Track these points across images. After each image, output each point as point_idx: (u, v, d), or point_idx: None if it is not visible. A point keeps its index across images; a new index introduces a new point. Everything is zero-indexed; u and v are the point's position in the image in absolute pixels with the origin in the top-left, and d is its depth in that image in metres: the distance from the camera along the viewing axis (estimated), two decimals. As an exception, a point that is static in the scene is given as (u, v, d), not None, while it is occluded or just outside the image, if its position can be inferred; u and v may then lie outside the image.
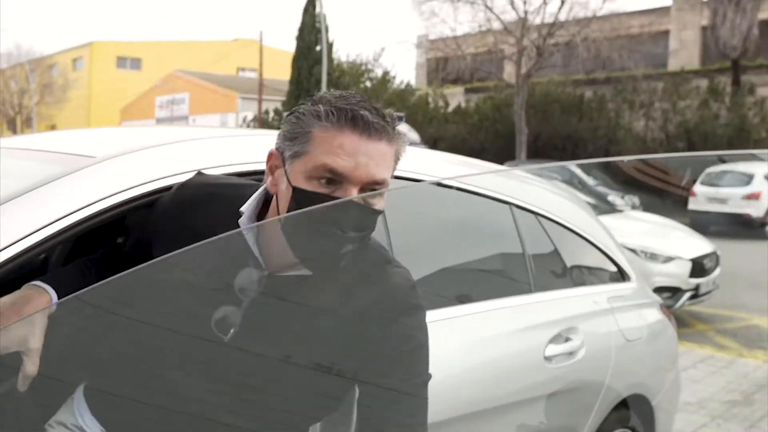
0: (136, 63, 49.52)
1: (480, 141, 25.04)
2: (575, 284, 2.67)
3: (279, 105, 30.49)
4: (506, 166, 13.19)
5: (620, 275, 2.89)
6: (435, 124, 26.65)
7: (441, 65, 27.48)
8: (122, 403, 1.30)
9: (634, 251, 6.07)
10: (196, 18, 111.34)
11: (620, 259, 2.91)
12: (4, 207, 1.30)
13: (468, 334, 2.01)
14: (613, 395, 2.52)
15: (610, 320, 2.60)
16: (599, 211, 6.80)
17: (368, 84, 29.32)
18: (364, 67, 30.09)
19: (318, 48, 27.38)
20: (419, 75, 34.12)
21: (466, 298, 2.16)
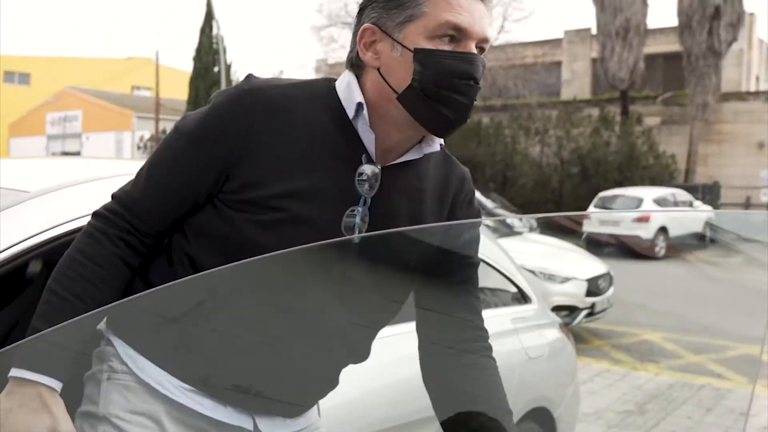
0: (24, 78, 47.02)
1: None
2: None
3: (176, 125, 29.89)
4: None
5: (522, 297, 3.04)
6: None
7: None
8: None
9: (533, 272, 6.23)
10: (88, 35, 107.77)
11: (521, 282, 3.06)
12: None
13: (380, 356, 2.11)
14: (518, 408, 2.66)
15: (514, 340, 2.76)
16: (499, 234, 7.05)
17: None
18: (261, 90, 29.91)
19: (216, 69, 27.17)
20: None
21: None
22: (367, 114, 1.28)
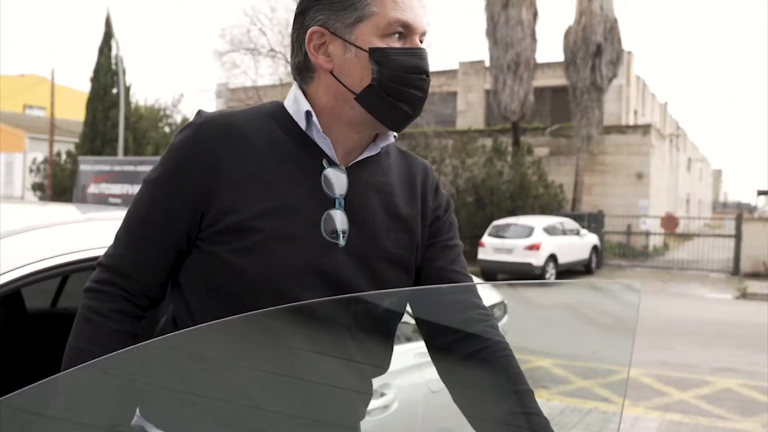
0: None
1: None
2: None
3: (72, 147, 28.48)
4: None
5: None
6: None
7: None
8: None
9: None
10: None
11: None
12: None
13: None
14: (422, 442, 2.77)
15: (417, 374, 2.86)
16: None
17: (167, 129, 28.53)
18: (162, 113, 29.27)
19: (115, 90, 26.25)
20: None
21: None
22: (317, 120, 1.32)
